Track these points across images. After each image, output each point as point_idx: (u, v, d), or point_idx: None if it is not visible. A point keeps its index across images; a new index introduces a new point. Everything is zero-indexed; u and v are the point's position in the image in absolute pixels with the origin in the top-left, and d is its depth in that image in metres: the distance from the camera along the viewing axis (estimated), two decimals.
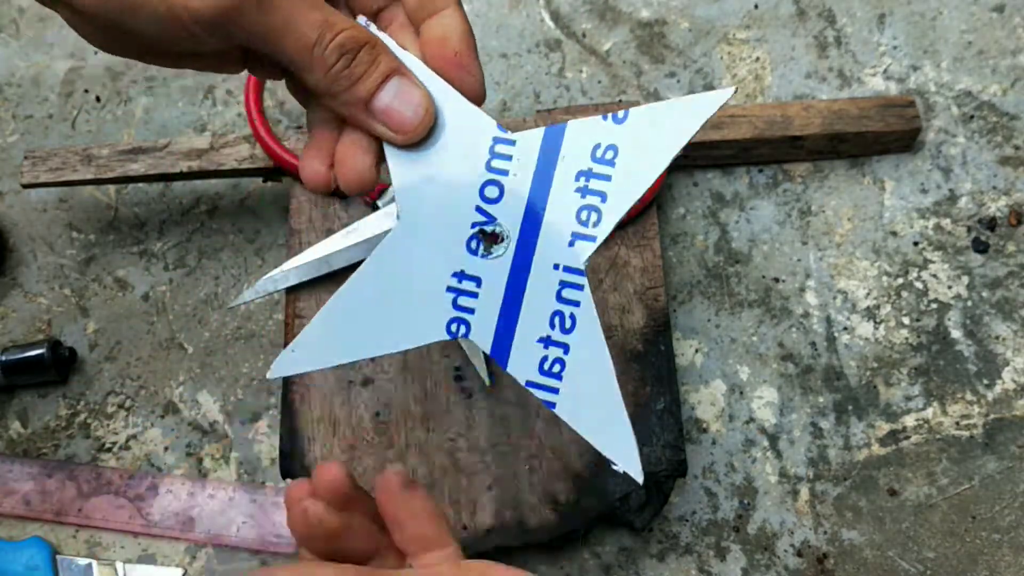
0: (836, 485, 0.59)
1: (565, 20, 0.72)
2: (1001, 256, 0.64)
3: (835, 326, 0.63)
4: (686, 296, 0.64)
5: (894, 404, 0.61)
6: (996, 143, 0.67)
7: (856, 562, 0.58)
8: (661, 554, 0.58)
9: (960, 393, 0.61)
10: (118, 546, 0.60)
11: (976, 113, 0.68)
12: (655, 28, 0.72)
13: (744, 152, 0.65)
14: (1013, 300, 0.63)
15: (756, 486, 0.60)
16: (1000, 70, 0.69)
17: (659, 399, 0.57)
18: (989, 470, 0.59)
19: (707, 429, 0.61)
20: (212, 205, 0.69)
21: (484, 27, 0.72)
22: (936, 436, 0.60)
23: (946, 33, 0.70)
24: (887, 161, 0.67)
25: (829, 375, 0.62)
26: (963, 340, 0.62)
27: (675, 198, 0.66)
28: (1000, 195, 0.66)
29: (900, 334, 0.63)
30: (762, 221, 0.66)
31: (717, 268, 0.65)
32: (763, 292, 0.64)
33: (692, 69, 0.70)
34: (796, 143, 0.65)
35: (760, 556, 0.58)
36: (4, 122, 0.73)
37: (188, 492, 0.60)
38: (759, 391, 0.62)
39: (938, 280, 0.64)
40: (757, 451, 0.60)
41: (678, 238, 0.65)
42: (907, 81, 0.69)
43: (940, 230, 0.65)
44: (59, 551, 0.60)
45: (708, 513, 0.59)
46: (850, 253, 0.65)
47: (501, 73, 0.71)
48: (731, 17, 0.72)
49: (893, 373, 0.62)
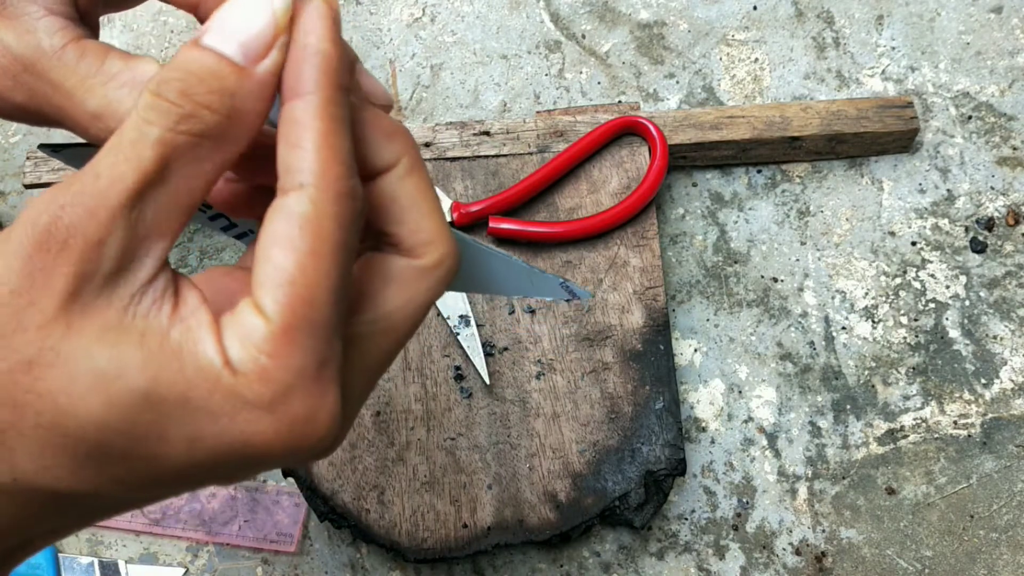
0: (834, 484, 0.60)
1: (565, 21, 0.72)
2: (999, 256, 0.64)
3: (833, 326, 0.63)
4: (685, 296, 0.64)
5: (892, 403, 0.61)
6: (994, 143, 0.67)
7: (854, 560, 0.58)
8: (660, 552, 0.59)
9: (958, 392, 0.61)
10: (120, 544, 0.60)
11: (974, 114, 0.68)
12: (654, 29, 0.72)
13: (743, 153, 0.66)
14: (1011, 300, 0.63)
15: (755, 485, 0.60)
16: (998, 71, 0.69)
17: (658, 398, 0.57)
18: (987, 469, 0.60)
19: (706, 428, 0.61)
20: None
21: (484, 28, 0.72)
22: (934, 435, 0.61)
23: (944, 34, 0.70)
24: (885, 161, 0.67)
25: (827, 374, 0.62)
26: (961, 340, 0.62)
27: (674, 198, 0.67)
28: (998, 195, 0.66)
29: (898, 334, 0.63)
30: (761, 221, 0.66)
31: (716, 268, 0.65)
32: (762, 292, 0.64)
33: (691, 70, 0.70)
34: (795, 144, 0.65)
35: (759, 554, 0.59)
36: (6, 123, 0.73)
37: None
38: (758, 390, 0.62)
39: (936, 280, 0.64)
40: (756, 450, 0.61)
41: (677, 238, 0.66)
42: (905, 82, 0.69)
43: (938, 230, 0.65)
44: (61, 550, 0.60)
45: (707, 512, 0.59)
46: (848, 253, 0.65)
47: (501, 74, 0.71)
48: (730, 18, 0.72)
49: (891, 372, 0.62)
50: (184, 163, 0.25)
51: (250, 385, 0.25)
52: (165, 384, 0.24)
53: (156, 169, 0.25)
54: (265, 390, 0.25)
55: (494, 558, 0.59)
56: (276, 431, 0.25)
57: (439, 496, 0.56)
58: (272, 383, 0.25)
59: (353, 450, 0.57)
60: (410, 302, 0.29)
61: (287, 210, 0.25)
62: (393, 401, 0.58)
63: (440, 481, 0.56)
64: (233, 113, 0.26)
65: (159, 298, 0.26)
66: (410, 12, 0.73)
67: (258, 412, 0.25)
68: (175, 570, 0.59)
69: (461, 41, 0.72)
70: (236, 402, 0.25)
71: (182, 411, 0.25)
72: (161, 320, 0.25)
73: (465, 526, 0.55)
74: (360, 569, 0.59)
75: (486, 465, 0.57)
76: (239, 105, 0.26)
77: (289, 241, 0.25)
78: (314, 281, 0.25)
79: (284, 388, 0.25)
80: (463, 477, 0.56)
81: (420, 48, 0.72)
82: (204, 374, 0.25)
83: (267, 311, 0.25)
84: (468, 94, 0.70)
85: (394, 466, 0.57)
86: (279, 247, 0.25)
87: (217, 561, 0.60)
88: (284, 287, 0.25)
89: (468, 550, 0.55)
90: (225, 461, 0.26)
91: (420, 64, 0.71)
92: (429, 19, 0.73)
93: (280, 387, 0.25)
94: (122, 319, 0.25)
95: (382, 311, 0.29)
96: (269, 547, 0.59)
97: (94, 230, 0.24)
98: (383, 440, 0.57)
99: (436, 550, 0.55)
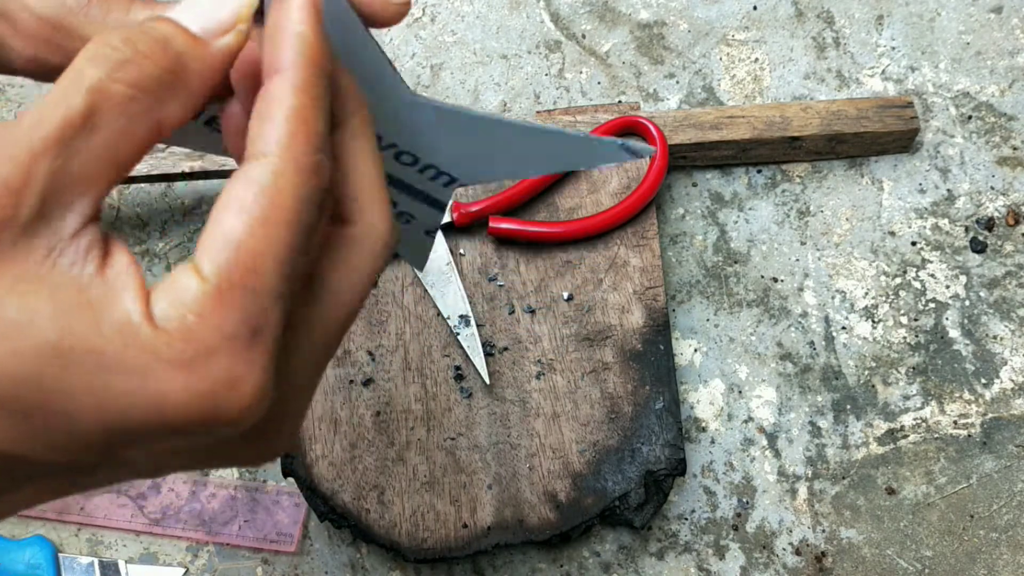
0: (834, 484, 0.60)
1: (565, 21, 0.72)
2: (999, 256, 0.64)
3: (833, 326, 0.63)
4: (685, 296, 0.64)
5: (892, 403, 0.61)
6: (994, 143, 0.67)
7: (854, 560, 0.58)
8: (660, 552, 0.59)
9: (958, 392, 0.61)
10: (120, 545, 0.60)
11: (974, 114, 0.68)
12: (654, 29, 0.72)
13: (743, 153, 0.66)
14: (1011, 300, 0.63)
15: (755, 485, 0.60)
16: (998, 71, 0.69)
17: (658, 398, 0.57)
18: (987, 469, 0.60)
19: (706, 428, 0.61)
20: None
21: (484, 28, 0.72)
22: (934, 435, 0.61)
23: (944, 34, 0.70)
24: (885, 161, 0.67)
25: (827, 374, 0.62)
26: (961, 340, 0.62)
27: (674, 198, 0.67)
28: (998, 195, 0.66)
29: (898, 334, 0.63)
30: (761, 221, 0.66)
31: (716, 268, 0.65)
32: (762, 292, 0.64)
33: (691, 70, 0.70)
34: (795, 144, 0.65)
35: (759, 554, 0.59)
36: None
37: (190, 491, 0.61)
38: (758, 390, 0.62)
39: (936, 280, 0.64)
40: (756, 450, 0.61)
41: (677, 238, 0.66)
42: (905, 82, 0.69)
43: (938, 230, 0.65)
44: (61, 550, 0.60)
45: (707, 512, 0.59)
46: (848, 253, 0.65)
47: (501, 74, 0.71)
48: (730, 18, 0.72)
49: (891, 372, 0.62)
50: (115, 115, 0.25)
51: (171, 342, 0.24)
52: (77, 336, 0.23)
53: (83, 116, 0.24)
54: (186, 347, 0.24)
55: (494, 558, 0.59)
56: (191, 393, 0.24)
57: (439, 496, 0.56)
58: (194, 342, 0.24)
59: (353, 450, 0.57)
60: (350, 273, 0.28)
61: (246, 177, 0.25)
62: (393, 401, 0.58)
63: (440, 481, 0.56)
64: (176, 70, 0.25)
65: (82, 255, 0.24)
66: (410, 12, 0.73)
67: (174, 371, 0.24)
68: (175, 570, 0.59)
69: (461, 41, 0.72)
70: (152, 358, 0.24)
71: (93, 366, 0.23)
72: (82, 276, 0.24)
73: (465, 526, 0.55)
74: (360, 569, 0.59)
75: (486, 465, 0.57)
76: (183, 65, 0.25)
77: (241, 207, 0.25)
78: (261, 248, 0.24)
79: (206, 349, 0.24)
80: (463, 477, 0.56)
81: (420, 48, 0.72)
82: (120, 328, 0.24)
83: (204, 271, 0.24)
84: (468, 94, 0.70)
85: (394, 466, 0.57)
86: (230, 211, 0.25)
87: (217, 561, 0.60)
88: (227, 250, 0.24)
89: (468, 550, 0.55)
90: (137, 426, 0.24)
91: (420, 64, 0.71)
92: (429, 19, 0.73)
93: (202, 347, 0.24)
94: (38, 270, 0.24)
95: (321, 282, 0.28)
96: (269, 547, 0.59)
97: (12, 175, 0.23)
98: (383, 440, 0.57)
99: (436, 550, 0.55)
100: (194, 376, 0.24)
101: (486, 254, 0.61)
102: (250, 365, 0.24)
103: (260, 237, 0.24)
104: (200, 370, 0.24)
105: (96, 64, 0.24)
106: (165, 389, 0.24)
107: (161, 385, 0.24)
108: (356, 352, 0.59)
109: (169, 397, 0.24)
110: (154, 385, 0.24)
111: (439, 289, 0.60)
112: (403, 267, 0.61)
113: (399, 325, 0.59)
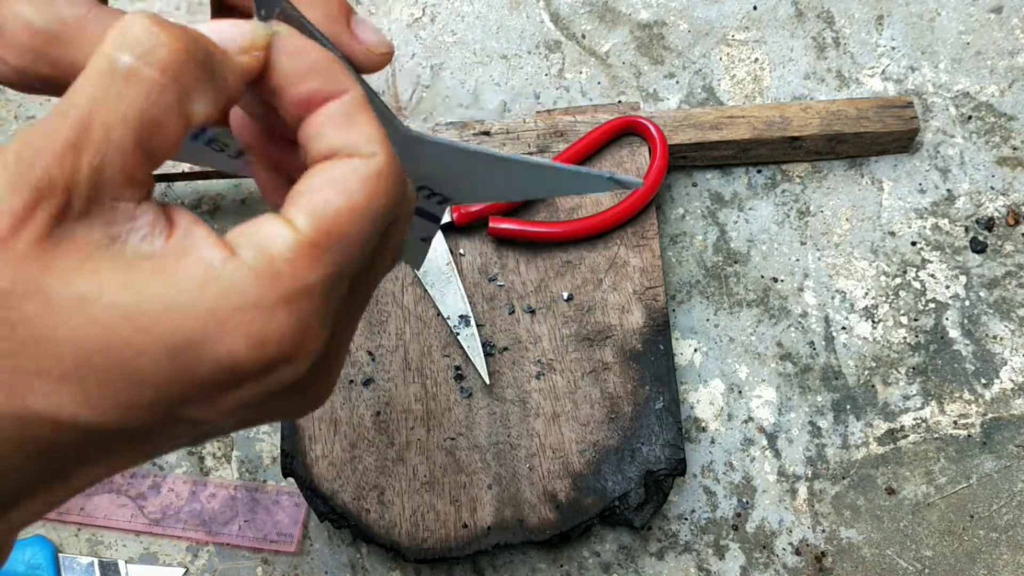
0: (834, 484, 0.60)
1: (565, 21, 0.72)
2: (999, 256, 0.64)
3: (833, 326, 0.63)
4: (685, 296, 0.64)
5: (892, 403, 0.61)
6: (994, 143, 0.67)
7: (854, 560, 0.58)
8: (660, 552, 0.59)
9: (958, 392, 0.61)
10: (120, 545, 0.60)
11: (974, 114, 0.68)
12: (654, 29, 0.72)
13: (743, 153, 0.66)
14: (1011, 300, 0.63)
15: (755, 485, 0.60)
16: (998, 71, 0.69)
17: (658, 398, 0.57)
18: (987, 469, 0.60)
19: (706, 428, 0.61)
20: (214, 205, 0.69)
21: (484, 28, 0.72)
22: (934, 435, 0.61)
23: (944, 34, 0.70)
24: (885, 161, 0.67)
25: (827, 374, 0.62)
26: (961, 340, 0.63)
27: (674, 198, 0.67)
28: (998, 195, 0.66)
29: (898, 334, 0.63)
30: (761, 221, 0.66)
31: (716, 268, 0.65)
32: (762, 292, 0.64)
33: (691, 70, 0.70)
34: (795, 144, 0.65)
35: (759, 554, 0.59)
36: (6, 123, 0.73)
37: (190, 491, 0.61)
38: (758, 390, 0.62)
39: (936, 280, 0.64)
40: (756, 450, 0.61)
41: (677, 238, 0.66)
42: (905, 82, 0.69)
43: (938, 230, 0.65)
44: (61, 550, 0.60)
45: (707, 512, 0.59)
46: (848, 253, 0.65)
47: (501, 74, 0.71)
48: (730, 18, 0.72)
49: (891, 372, 0.62)
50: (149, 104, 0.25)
51: (257, 281, 0.24)
52: (149, 297, 0.24)
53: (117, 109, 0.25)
54: (269, 292, 0.24)
55: (494, 558, 0.59)
56: (265, 337, 0.25)
57: (439, 496, 0.56)
58: (281, 287, 0.25)
59: (353, 450, 0.57)
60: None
61: (352, 165, 0.27)
62: (393, 401, 0.58)
63: (440, 481, 0.56)
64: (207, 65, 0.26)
65: (148, 229, 0.25)
66: (410, 12, 0.73)
67: (254, 311, 0.24)
68: (175, 570, 0.59)
69: (461, 41, 0.72)
70: (232, 301, 0.24)
71: (167, 324, 0.24)
72: (153, 248, 0.25)
73: (465, 526, 0.55)
74: (360, 569, 0.59)
75: (486, 465, 0.57)
76: (212, 58, 0.26)
77: (346, 189, 0.26)
78: (355, 228, 0.26)
79: (287, 295, 0.25)
80: (463, 477, 0.56)
81: (420, 48, 0.72)
82: (199, 278, 0.24)
83: (297, 224, 0.25)
84: (468, 94, 0.70)
85: (394, 466, 0.57)
86: (334, 189, 0.26)
87: (217, 561, 0.60)
88: (327, 216, 0.26)
89: (468, 550, 0.55)
90: (208, 376, 0.25)
91: (420, 64, 0.71)
92: (429, 19, 0.73)
93: (284, 293, 0.25)
94: (105, 252, 0.25)
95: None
96: (269, 547, 0.59)
97: (67, 166, 0.24)
98: (383, 440, 0.57)
99: (436, 550, 0.55)
100: (273, 321, 0.25)
101: (486, 254, 0.61)
102: (320, 320, 0.26)
103: (357, 218, 0.26)
104: (280, 315, 0.25)
105: (126, 49, 0.25)
106: (242, 332, 0.24)
107: (239, 328, 0.24)
108: (356, 352, 0.59)
109: (243, 341, 0.25)
110: (231, 329, 0.24)
111: (439, 289, 0.60)
112: (403, 267, 0.61)
113: (399, 325, 0.59)
